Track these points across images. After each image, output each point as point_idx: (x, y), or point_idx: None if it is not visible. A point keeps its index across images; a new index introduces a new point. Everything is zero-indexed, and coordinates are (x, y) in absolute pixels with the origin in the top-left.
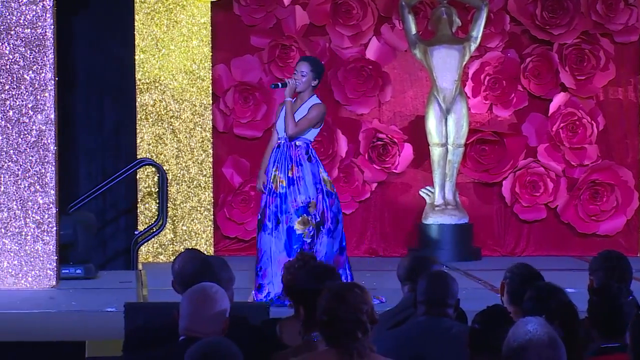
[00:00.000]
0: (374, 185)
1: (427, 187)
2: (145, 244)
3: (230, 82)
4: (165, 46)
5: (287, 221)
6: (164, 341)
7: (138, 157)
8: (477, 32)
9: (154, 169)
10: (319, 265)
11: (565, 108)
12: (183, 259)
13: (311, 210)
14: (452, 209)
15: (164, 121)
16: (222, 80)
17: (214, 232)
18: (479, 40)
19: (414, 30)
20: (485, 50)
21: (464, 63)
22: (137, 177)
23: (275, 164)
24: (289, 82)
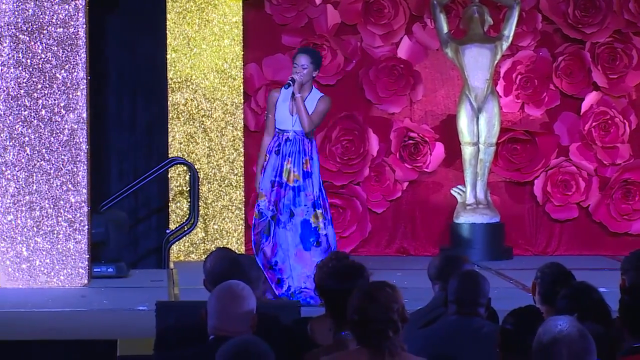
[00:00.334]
0: (405, 184)
1: (459, 186)
2: (177, 242)
3: (262, 81)
4: (197, 45)
5: (302, 214)
6: (195, 340)
7: (169, 156)
8: (509, 30)
9: (185, 167)
10: (352, 264)
11: (597, 107)
12: (214, 257)
13: (321, 203)
14: (484, 208)
15: (195, 120)
16: (254, 79)
17: (245, 230)
18: (510, 39)
19: (445, 29)
20: (517, 49)
21: (496, 62)
22: (169, 176)
23: (287, 157)
24: (295, 78)
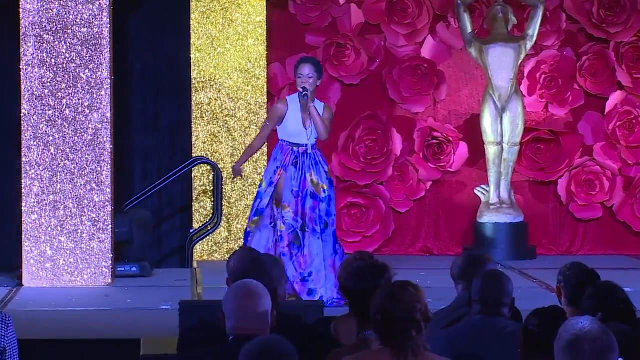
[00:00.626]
0: (429, 184)
1: (482, 186)
2: (200, 242)
3: (285, 80)
4: (221, 45)
5: (333, 224)
6: (218, 340)
7: (193, 155)
8: (533, 30)
9: (209, 167)
10: (376, 264)
11: (621, 107)
12: (238, 257)
13: None
14: (507, 208)
15: (219, 120)
16: (277, 78)
17: None
18: (534, 38)
19: (469, 28)
20: (541, 48)
21: (520, 61)
22: (193, 175)
23: (309, 169)
24: (307, 88)
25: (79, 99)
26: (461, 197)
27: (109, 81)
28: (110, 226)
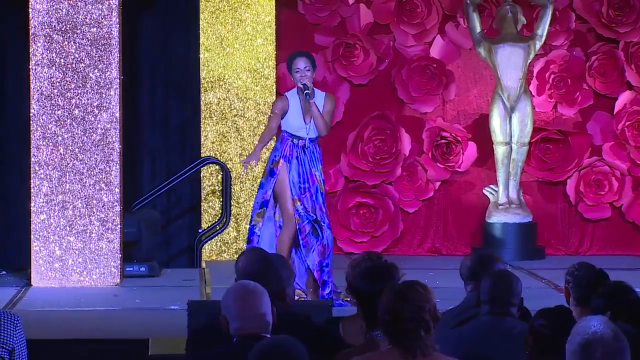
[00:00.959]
0: (438, 183)
1: (491, 186)
2: (209, 242)
3: None
4: (230, 45)
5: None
6: (227, 339)
7: (202, 155)
8: (542, 30)
9: (217, 167)
10: (385, 264)
11: (630, 106)
12: (246, 257)
13: None
14: (516, 208)
15: (228, 120)
16: (286, 78)
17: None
18: (544, 38)
19: (478, 28)
20: (550, 48)
21: (529, 61)
22: (201, 175)
23: (311, 165)
24: (307, 83)
25: (88, 99)
26: (470, 197)
27: (118, 81)
28: (119, 226)
